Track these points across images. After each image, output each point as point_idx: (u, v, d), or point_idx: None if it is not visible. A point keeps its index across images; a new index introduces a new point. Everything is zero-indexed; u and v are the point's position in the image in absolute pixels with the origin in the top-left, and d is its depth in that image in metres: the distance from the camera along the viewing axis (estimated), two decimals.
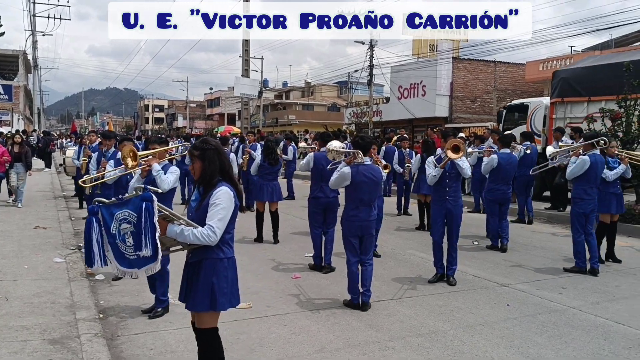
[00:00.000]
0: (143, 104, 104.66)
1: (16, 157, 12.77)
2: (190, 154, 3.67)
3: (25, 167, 12.81)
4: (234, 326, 5.21)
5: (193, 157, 3.62)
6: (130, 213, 3.37)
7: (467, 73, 34.16)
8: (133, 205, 3.36)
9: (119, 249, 3.45)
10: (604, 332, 5.24)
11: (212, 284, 3.51)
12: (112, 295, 6.16)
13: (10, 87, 40.66)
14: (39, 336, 4.72)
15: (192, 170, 3.66)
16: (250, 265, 7.63)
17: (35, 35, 38.87)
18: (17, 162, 12.68)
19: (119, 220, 3.40)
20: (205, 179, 3.59)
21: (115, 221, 3.40)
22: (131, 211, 3.36)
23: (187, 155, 5.53)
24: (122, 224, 3.39)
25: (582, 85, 14.02)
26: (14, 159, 12.68)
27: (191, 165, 3.67)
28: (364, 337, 5.03)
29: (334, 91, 63.76)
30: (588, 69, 14.75)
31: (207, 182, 3.59)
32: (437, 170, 6.76)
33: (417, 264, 7.91)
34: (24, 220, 10.45)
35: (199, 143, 3.72)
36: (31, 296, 5.81)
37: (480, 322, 5.49)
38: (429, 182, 6.94)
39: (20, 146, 13.01)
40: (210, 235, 3.40)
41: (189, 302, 3.60)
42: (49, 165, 24.44)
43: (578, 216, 7.48)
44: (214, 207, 3.46)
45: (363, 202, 5.86)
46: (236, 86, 31.06)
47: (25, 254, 7.70)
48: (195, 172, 3.62)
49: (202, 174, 3.59)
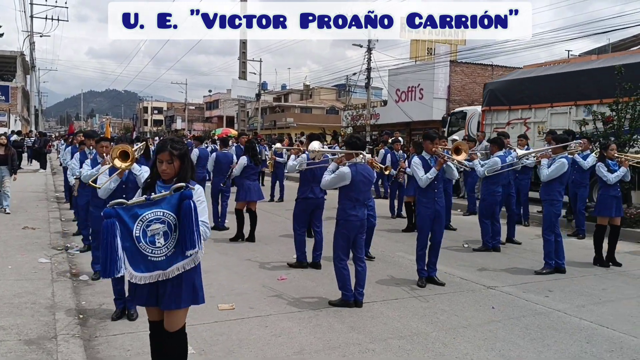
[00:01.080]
0: (142, 106, 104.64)
1: (1, 159, 11.93)
2: (169, 154, 3.54)
3: (10, 170, 11.99)
4: (214, 327, 5.18)
5: (172, 157, 3.53)
6: (166, 212, 3.36)
7: (465, 76, 34.15)
8: (168, 204, 3.36)
9: (141, 252, 3.37)
10: (587, 335, 5.19)
11: (194, 279, 3.55)
12: (94, 296, 6.11)
13: (7, 88, 40.57)
14: (15, 336, 4.67)
15: (163, 169, 3.54)
16: (237, 267, 7.60)
17: (32, 37, 38.85)
18: (1, 165, 11.88)
19: (147, 220, 3.35)
20: (184, 178, 3.56)
21: (140, 222, 3.34)
22: (166, 210, 3.36)
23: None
24: (152, 224, 3.35)
25: (505, 96, 16.11)
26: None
27: (164, 164, 3.53)
28: (344, 339, 4.98)
29: (332, 94, 63.75)
30: (509, 82, 16.90)
31: (184, 181, 3.54)
32: (433, 172, 6.71)
33: (405, 266, 7.87)
34: (13, 221, 10.41)
35: (176, 143, 3.64)
36: (12, 296, 5.76)
37: (464, 324, 5.45)
38: (423, 184, 6.82)
39: (5, 148, 12.15)
40: (206, 231, 3.47)
41: (167, 300, 3.49)
42: (44, 166, 24.40)
43: (555, 217, 7.59)
44: (200, 204, 3.46)
45: (359, 202, 5.95)
46: (233, 88, 30.97)
47: (10, 254, 7.66)
48: (169, 171, 3.55)
49: (181, 173, 3.57)
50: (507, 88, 16.48)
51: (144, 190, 3.63)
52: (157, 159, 3.57)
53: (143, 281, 3.42)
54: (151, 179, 3.65)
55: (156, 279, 3.43)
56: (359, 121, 37.05)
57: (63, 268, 7.08)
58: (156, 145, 3.72)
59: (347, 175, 5.86)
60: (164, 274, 3.43)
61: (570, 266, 8.02)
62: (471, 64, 33.82)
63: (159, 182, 3.62)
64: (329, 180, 6.02)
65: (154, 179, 3.63)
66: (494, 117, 16.55)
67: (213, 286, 6.41)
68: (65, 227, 10.23)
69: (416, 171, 6.88)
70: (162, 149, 3.56)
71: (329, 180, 6.02)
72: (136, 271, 3.40)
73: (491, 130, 15.63)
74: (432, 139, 6.97)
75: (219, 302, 5.88)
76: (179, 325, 3.61)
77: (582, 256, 8.72)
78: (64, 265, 7.25)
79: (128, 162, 5.01)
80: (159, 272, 3.42)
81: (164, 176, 3.57)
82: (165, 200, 3.37)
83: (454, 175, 7.18)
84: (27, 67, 44.02)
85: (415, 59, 36.43)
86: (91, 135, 8.02)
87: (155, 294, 3.54)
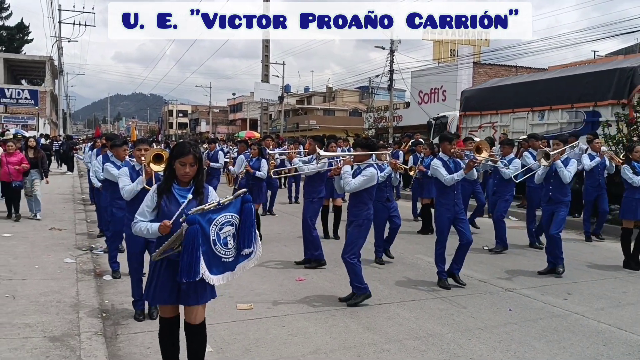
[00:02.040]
0: (167, 109, 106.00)
1: (31, 163, 11.63)
2: (193, 157, 3.68)
3: (41, 173, 11.79)
4: (232, 326, 5.28)
5: (195, 160, 3.68)
6: (233, 215, 3.54)
7: (488, 78, 33.80)
8: (234, 207, 3.55)
9: (217, 254, 3.52)
10: (604, 338, 5.16)
11: None
12: (117, 295, 6.27)
13: (37, 92, 41.58)
14: (40, 333, 4.83)
15: (186, 172, 3.68)
16: (256, 268, 7.60)
17: (60, 42, 39.71)
18: (32, 168, 11.59)
19: (221, 224, 3.50)
20: (202, 180, 3.77)
21: (214, 226, 3.48)
22: (234, 213, 3.54)
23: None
24: (224, 227, 3.51)
25: (477, 103, 18.14)
26: (29, 165, 11.55)
27: (187, 167, 3.67)
28: (360, 339, 5.04)
29: (355, 96, 63.75)
30: (480, 90, 19.17)
31: (202, 184, 3.77)
32: (460, 174, 6.71)
33: (423, 268, 7.89)
34: (41, 222, 10.70)
35: (195, 147, 3.78)
36: (38, 295, 5.95)
37: (480, 326, 5.46)
38: (448, 184, 6.75)
39: (35, 151, 12.03)
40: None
41: (191, 297, 3.66)
42: (72, 168, 24.93)
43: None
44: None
45: (373, 201, 6.26)
46: (256, 91, 31.22)
47: (37, 255, 7.89)
48: (191, 174, 3.70)
49: (198, 177, 3.75)
50: (478, 96, 18.57)
51: (160, 194, 3.73)
52: (177, 161, 3.67)
53: (217, 282, 3.58)
54: (167, 183, 3.75)
55: (226, 280, 3.63)
56: (381, 123, 36.99)
57: (87, 268, 7.28)
58: (174, 150, 3.78)
59: (375, 176, 6.05)
60: (232, 274, 3.63)
61: (591, 269, 7.98)
62: (495, 65, 33.59)
63: (175, 186, 3.74)
64: (359, 183, 5.97)
65: (170, 183, 3.74)
66: (468, 122, 18.56)
67: (232, 286, 6.50)
68: (91, 229, 10.47)
69: (439, 172, 6.82)
70: (185, 152, 3.67)
71: (359, 182, 5.96)
72: (212, 273, 3.55)
73: (466, 133, 17.60)
74: (450, 140, 6.99)
75: (238, 302, 5.99)
76: (202, 318, 3.79)
77: (603, 259, 8.64)
78: (88, 265, 7.44)
79: (162, 164, 5.01)
80: (229, 273, 3.62)
81: (185, 178, 3.70)
82: (232, 204, 3.56)
83: (473, 176, 7.16)
84: (55, 72, 45.02)
85: (438, 61, 36.31)
86: (112, 139, 8.22)
87: (176, 292, 3.68)
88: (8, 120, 39.15)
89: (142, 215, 3.77)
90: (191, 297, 3.67)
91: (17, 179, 11.13)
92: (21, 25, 57.10)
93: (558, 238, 7.46)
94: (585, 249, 9.62)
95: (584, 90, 13.95)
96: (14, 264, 7.29)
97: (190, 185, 3.75)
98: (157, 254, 3.61)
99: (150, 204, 3.76)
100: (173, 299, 3.71)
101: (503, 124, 16.76)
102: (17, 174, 11.12)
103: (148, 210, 3.77)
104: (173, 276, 3.64)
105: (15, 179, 11.08)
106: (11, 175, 11.03)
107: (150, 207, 3.76)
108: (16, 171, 11.06)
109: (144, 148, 5.70)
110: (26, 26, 57.51)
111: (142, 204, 3.81)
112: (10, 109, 40.24)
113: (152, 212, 3.76)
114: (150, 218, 3.76)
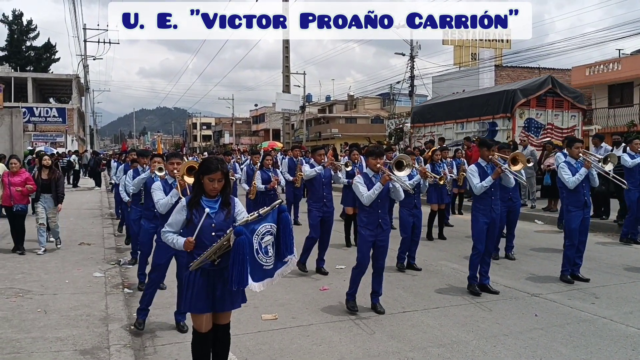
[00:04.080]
0: (191, 122, 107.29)
1: (44, 186, 9.50)
2: (222, 173, 3.87)
3: (55, 199, 9.58)
4: (258, 337, 5.34)
5: (223, 175, 3.88)
6: (272, 225, 3.72)
7: (511, 80, 33.54)
8: (272, 217, 3.72)
9: (259, 262, 3.69)
10: (633, 343, 5.09)
11: None
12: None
13: (64, 110, 42.57)
14: (71, 347, 4.96)
15: (215, 187, 3.88)
16: (281, 278, 7.74)
17: (86, 60, 40.58)
18: (44, 192, 9.52)
19: (262, 234, 3.67)
20: (228, 194, 3.98)
21: (257, 236, 3.65)
22: (272, 223, 3.72)
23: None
24: (265, 236, 3.68)
25: (422, 116, 23.21)
26: (41, 188, 9.49)
27: (215, 183, 3.86)
28: (384, 348, 5.06)
29: (377, 103, 63.70)
30: (423, 106, 24.96)
31: (228, 196, 3.98)
32: (488, 181, 6.66)
33: (448, 275, 7.86)
34: (70, 237, 10.92)
35: (223, 163, 3.97)
36: (68, 309, 6.10)
37: (505, 332, 5.43)
38: (477, 192, 6.73)
39: (49, 171, 9.60)
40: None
41: (227, 303, 3.87)
42: (99, 184, 25.41)
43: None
44: (244, 213, 3.94)
45: None
46: (277, 102, 31.51)
47: (67, 269, 8.08)
48: (219, 188, 3.91)
49: (226, 190, 3.95)
50: (422, 111, 23.77)
51: (190, 206, 3.91)
52: (206, 177, 3.86)
53: (258, 289, 3.74)
54: (196, 196, 3.93)
55: (266, 287, 3.79)
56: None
57: (116, 281, 7.43)
58: (203, 165, 3.97)
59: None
60: (271, 281, 3.80)
61: (620, 272, 7.86)
62: (517, 67, 33.28)
63: (204, 198, 3.92)
64: (374, 196, 5.90)
65: (199, 197, 3.92)
66: (416, 131, 23.47)
67: (257, 297, 6.55)
68: (119, 243, 10.67)
69: (471, 179, 6.80)
70: (213, 169, 3.86)
71: (374, 194, 5.89)
72: (255, 281, 3.71)
73: (415, 141, 22.71)
74: (489, 147, 6.90)
75: (263, 313, 6.06)
76: (229, 319, 4.03)
77: (633, 261, 8.50)
78: (116, 278, 7.60)
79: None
80: (268, 280, 3.78)
81: (213, 193, 3.90)
82: (270, 214, 3.71)
83: (510, 183, 7.02)
84: (82, 89, 45.97)
85: (460, 65, 36.11)
86: (144, 154, 8.43)
87: (212, 300, 3.85)
88: (37, 138, 40.12)
89: (171, 226, 3.99)
90: (227, 303, 3.88)
91: (21, 202, 9.45)
92: (48, 45, 58.67)
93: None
94: (614, 251, 9.47)
95: (485, 107, 18.86)
96: (46, 279, 7.49)
97: (217, 197, 3.94)
98: (195, 264, 3.78)
99: (179, 216, 3.96)
100: (209, 306, 3.87)
101: (438, 133, 21.10)
102: (21, 196, 9.39)
103: (177, 222, 3.97)
104: (207, 284, 3.83)
105: (18, 202, 9.40)
106: (13, 198, 9.34)
107: (180, 219, 3.96)
108: (19, 193, 9.31)
109: (176, 162, 5.86)
110: (53, 46, 59.06)
111: (172, 215, 4.03)
112: (40, 127, 41.23)
113: (181, 224, 3.97)
114: (178, 229, 3.98)
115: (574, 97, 18.66)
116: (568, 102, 18.39)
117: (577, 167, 7.33)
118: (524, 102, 17.58)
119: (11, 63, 52.88)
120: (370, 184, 5.99)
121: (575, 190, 7.29)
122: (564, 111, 18.38)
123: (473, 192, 6.90)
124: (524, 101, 17.55)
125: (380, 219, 6.01)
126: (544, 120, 18.01)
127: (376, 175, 6.05)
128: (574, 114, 18.69)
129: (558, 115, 18.28)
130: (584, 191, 7.34)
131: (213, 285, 3.84)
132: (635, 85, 28.08)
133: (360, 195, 5.97)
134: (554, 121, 18.23)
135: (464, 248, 9.50)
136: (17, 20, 56.39)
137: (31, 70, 51.09)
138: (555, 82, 18.38)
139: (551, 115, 18.19)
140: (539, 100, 17.91)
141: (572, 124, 18.64)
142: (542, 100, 17.97)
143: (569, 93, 18.74)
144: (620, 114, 27.88)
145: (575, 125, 18.74)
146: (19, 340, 5.09)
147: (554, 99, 18.22)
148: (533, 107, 17.85)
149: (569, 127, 18.42)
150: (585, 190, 7.36)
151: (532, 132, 17.63)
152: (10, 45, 55.83)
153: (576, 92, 19.62)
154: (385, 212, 6.15)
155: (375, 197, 5.90)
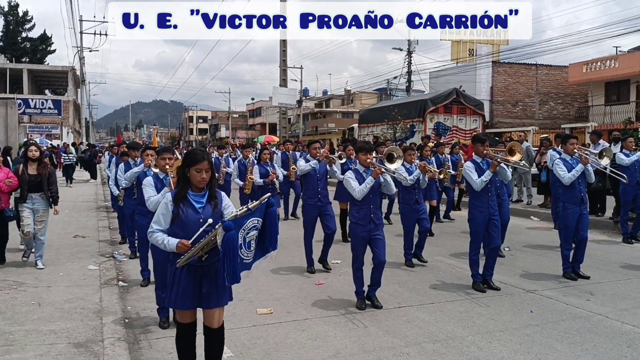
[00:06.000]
0: (187, 115, 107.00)
1: (31, 183, 7.56)
2: (209, 162, 3.79)
3: (46, 199, 7.71)
4: (252, 331, 5.32)
5: (210, 165, 3.79)
6: (259, 220, 3.63)
7: (508, 77, 33.61)
8: (260, 212, 3.63)
9: (241, 256, 3.58)
10: (628, 339, 5.09)
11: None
12: (138, 301, 6.36)
13: (60, 102, 42.41)
14: (65, 340, 4.93)
15: (203, 178, 3.77)
16: (276, 272, 7.74)
17: (82, 52, 40.40)
18: (32, 192, 7.58)
19: (248, 228, 3.57)
20: (214, 185, 3.90)
21: (243, 231, 3.54)
22: (259, 218, 3.63)
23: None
24: (250, 231, 3.58)
25: (365, 118, 29.14)
26: (29, 186, 7.54)
27: (203, 173, 3.76)
28: (379, 343, 5.05)
29: (373, 98, 63.51)
30: (366, 110, 31.16)
31: (214, 188, 3.90)
32: (487, 175, 6.62)
33: (443, 271, 7.86)
34: (65, 230, 10.87)
35: (207, 154, 3.88)
36: (63, 302, 6.07)
37: (501, 328, 5.43)
38: (477, 188, 6.67)
39: (39, 166, 7.69)
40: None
41: (212, 300, 3.77)
42: (95, 176, 25.31)
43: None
44: (231, 207, 3.85)
45: None
46: (274, 96, 31.40)
47: (62, 262, 8.03)
48: (207, 179, 3.80)
49: (212, 182, 3.86)
50: (366, 114, 29.95)
51: (176, 201, 3.79)
52: (193, 169, 3.75)
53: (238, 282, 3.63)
54: (182, 191, 3.81)
55: (241, 279, 3.65)
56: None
57: (110, 275, 7.39)
58: (188, 157, 3.83)
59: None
60: (248, 273, 3.69)
61: (615, 269, 7.87)
62: (514, 63, 33.26)
63: (190, 192, 3.82)
64: (364, 190, 5.92)
65: (185, 191, 3.81)
66: (362, 131, 28.55)
67: (252, 291, 6.58)
68: (114, 236, 10.62)
69: (470, 176, 6.74)
70: (199, 159, 3.75)
71: (366, 189, 5.92)
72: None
73: (361, 138, 25.89)
74: (483, 142, 6.84)
75: (258, 307, 6.03)
76: (221, 321, 3.89)
77: (629, 259, 8.52)
78: (111, 272, 7.56)
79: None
80: (246, 272, 3.66)
81: (202, 184, 3.79)
82: (259, 208, 3.62)
83: (507, 176, 7.00)
84: (77, 81, 45.82)
85: (457, 61, 36.05)
86: (135, 147, 8.32)
87: (197, 296, 3.78)
88: (33, 130, 39.97)
89: (158, 223, 3.82)
90: (212, 300, 3.77)
91: (5, 205, 7.70)
92: (44, 37, 58.39)
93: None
94: (609, 248, 9.49)
95: (407, 112, 24.11)
96: (40, 271, 7.44)
97: (204, 190, 3.84)
98: (182, 260, 3.68)
99: (166, 212, 3.80)
100: (195, 303, 3.80)
101: (376, 132, 25.91)
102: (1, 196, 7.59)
103: (164, 218, 3.82)
104: (194, 281, 3.75)
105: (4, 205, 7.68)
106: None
107: (166, 216, 3.81)
108: None
109: (167, 157, 5.60)
110: (49, 37, 58.78)
111: (157, 212, 3.87)
112: (35, 119, 41.06)
113: (168, 220, 3.81)
114: (165, 226, 3.82)
115: (475, 105, 24.39)
116: (470, 109, 24.03)
117: (572, 163, 7.33)
118: (434, 109, 23.21)
119: (6, 54, 52.60)
120: (362, 179, 6.02)
121: (572, 187, 7.29)
122: (467, 116, 23.97)
123: (471, 188, 6.87)
124: (433, 108, 23.15)
125: (372, 214, 6.03)
126: (450, 123, 23.51)
127: (367, 170, 6.08)
128: (475, 119, 24.23)
129: (462, 119, 23.84)
130: (580, 187, 7.33)
131: (200, 281, 3.75)
132: (632, 83, 28.14)
133: (352, 189, 5.99)
134: (459, 124, 23.74)
135: (460, 244, 9.52)
136: (13, 11, 56.08)
137: (27, 62, 50.79)
138: (460, 93, 24.07)
139: (456, 120, 23.74)
140: (445, 108, 23.49)
141: (473, 126, 23.84)
142: (449, 108, 23.56)
143: (471, 102, 24.41)
144: (616, 111, 27.94)
145: (477, 128, 23.60)
146: (12, 333, 5.05)
147: (459, 107, 23.83)
148: (441, 113, 23.43)
149: (471, 129, 23.22)
150: (582, 187, 7.35)
151: (440, 132, 21.42)
152: (5, 37, 55.56)
153: (477, 101, 25.39)
154: (377, 207, 6.16)
155: (367, 192, 5.92)
